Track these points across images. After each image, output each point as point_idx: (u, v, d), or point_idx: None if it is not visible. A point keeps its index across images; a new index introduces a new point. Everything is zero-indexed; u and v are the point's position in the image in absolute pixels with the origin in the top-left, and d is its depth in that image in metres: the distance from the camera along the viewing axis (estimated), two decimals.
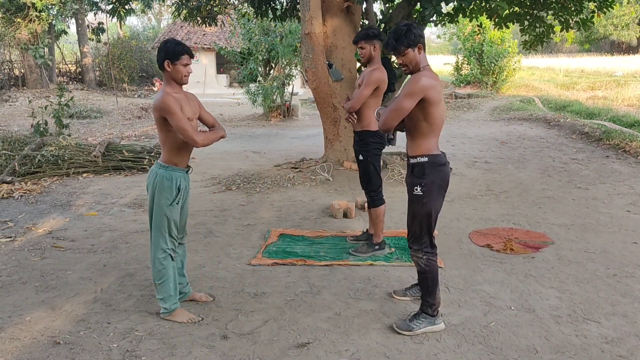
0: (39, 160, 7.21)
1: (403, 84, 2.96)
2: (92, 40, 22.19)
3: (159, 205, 3.14)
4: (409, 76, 3.01)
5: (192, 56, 3.12)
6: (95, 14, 17.49)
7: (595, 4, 7.61)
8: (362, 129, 4.22)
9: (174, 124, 3.01)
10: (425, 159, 2.95)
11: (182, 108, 3.06)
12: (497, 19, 8.25)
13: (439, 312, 3.15)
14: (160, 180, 3.13)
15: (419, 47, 2.89)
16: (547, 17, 8.21)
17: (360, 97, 4.07)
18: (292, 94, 14.65)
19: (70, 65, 25.34)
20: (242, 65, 14.61)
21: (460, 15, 8.26)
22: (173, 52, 3.04)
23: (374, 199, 4.31)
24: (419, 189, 2.97)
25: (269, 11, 8.64)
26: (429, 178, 2.95)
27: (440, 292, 3.60)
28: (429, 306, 3.10)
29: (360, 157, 4.29)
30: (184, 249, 3.48)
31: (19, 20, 17.95)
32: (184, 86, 3.19)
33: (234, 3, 9.88)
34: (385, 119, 2.93)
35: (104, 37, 21.37)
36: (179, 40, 3.14)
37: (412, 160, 3.01)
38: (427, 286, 3.10)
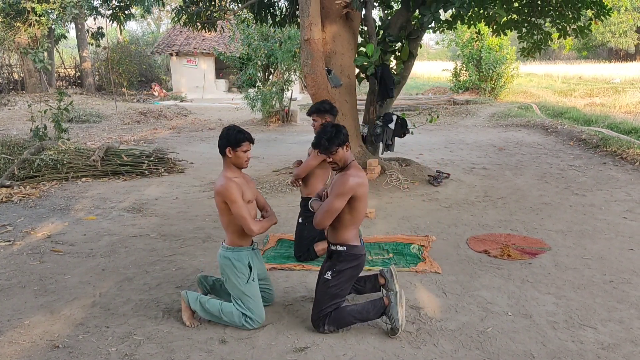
0: (38, 164, 7.22)
1: (333, 182, 3.12)
2: (92, 44, 22.28)
3: (236, 287, 3.22)
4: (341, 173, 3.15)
5: (252, 142, 3.23)
6: (94, 19, 17.60)
7: (593, 11, 7.68)
8: (306, 195, 4.37)
9: (235, 211, 3.11)
10: (344, 248, 3.15)
11: (243, 193, 3.16)
12: (495, 26, 8.32)
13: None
14: (231, 264, 3.22)
15: (346, 145, 3.10)
16: (544, 24, 8.27)
17: (307, 166, 4.27)
18: (290, 99, 14.69)
19: (69, 70, 25.36)
20: (241, 70, 14.65)
21: (459, 22, 8.34)
22: (235, 139, 3.15)
23: (303, 259, 4.35)
24: (329, 273, 3.15)
25: (269, 17, 8.69)
26: (343, 266, 3.14)
27: (438, 297, 3.64)
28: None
29: (299, 220, 4.40)
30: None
31: (18, 24, 18.00)
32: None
33: (233, 9, 9.90)
34: (320, 220, 3.09)
35: (103, 42, 21.46)
36: (240, 127, 3.22)
37: (332, 247, 3.20)
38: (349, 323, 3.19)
